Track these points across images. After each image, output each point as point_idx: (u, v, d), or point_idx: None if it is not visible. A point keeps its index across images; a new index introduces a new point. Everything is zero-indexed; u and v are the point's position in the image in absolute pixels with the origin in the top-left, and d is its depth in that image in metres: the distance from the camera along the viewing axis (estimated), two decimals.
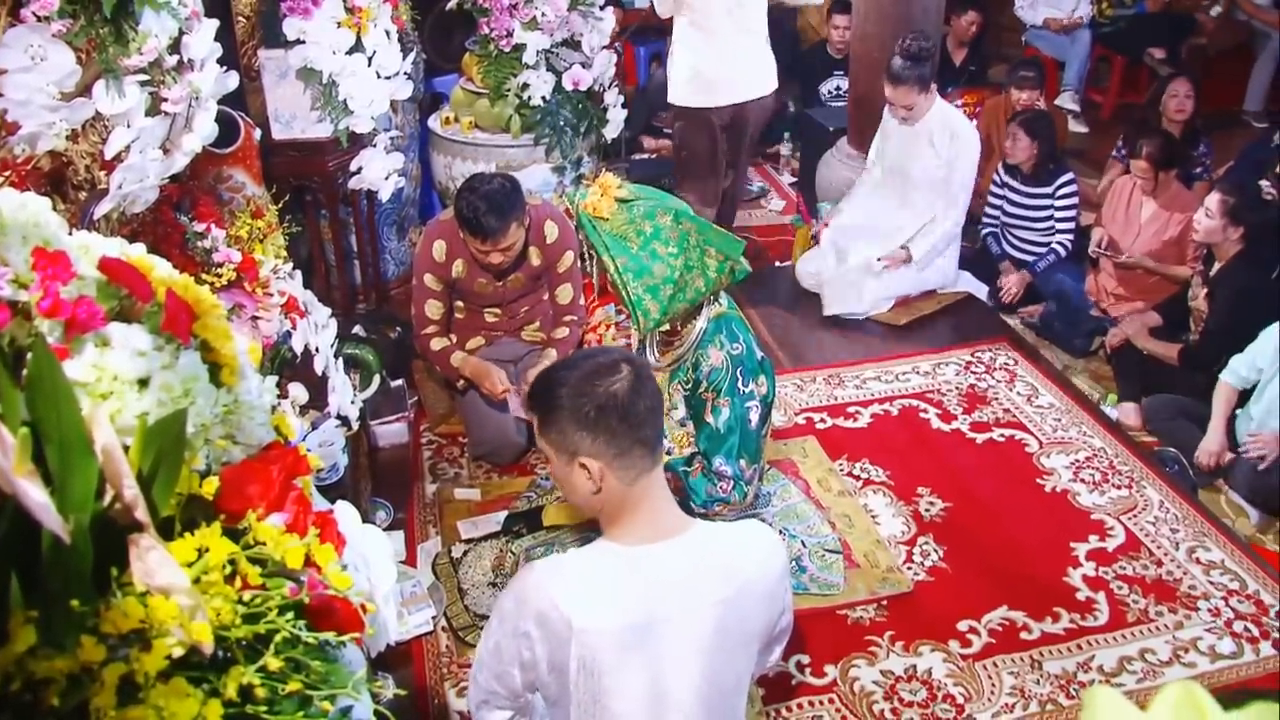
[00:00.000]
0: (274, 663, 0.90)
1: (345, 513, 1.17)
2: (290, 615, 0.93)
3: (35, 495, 0.79)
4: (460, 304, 3.58)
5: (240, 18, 3.55)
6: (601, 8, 4.45)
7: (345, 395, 2.92)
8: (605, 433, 1.63)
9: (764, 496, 2.85)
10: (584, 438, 1.64)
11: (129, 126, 1.95)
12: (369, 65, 3.47)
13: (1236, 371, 3.46)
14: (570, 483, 1.71)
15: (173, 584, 0.87)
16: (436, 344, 3.50)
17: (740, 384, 2.60)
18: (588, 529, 2.77)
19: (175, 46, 2.04)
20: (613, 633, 1.60)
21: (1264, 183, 3.61)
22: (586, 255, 2.67)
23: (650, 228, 2.52)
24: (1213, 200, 3.75)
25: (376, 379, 3.54)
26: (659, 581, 1.65)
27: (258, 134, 3.21)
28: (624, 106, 4.68)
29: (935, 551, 3.15)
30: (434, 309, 3.49)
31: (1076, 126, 6.89)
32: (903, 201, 4.55)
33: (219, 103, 2.30)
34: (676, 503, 1.79)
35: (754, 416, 2.62)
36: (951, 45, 6.50)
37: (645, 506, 1.69)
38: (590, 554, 1.70)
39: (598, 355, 1.77)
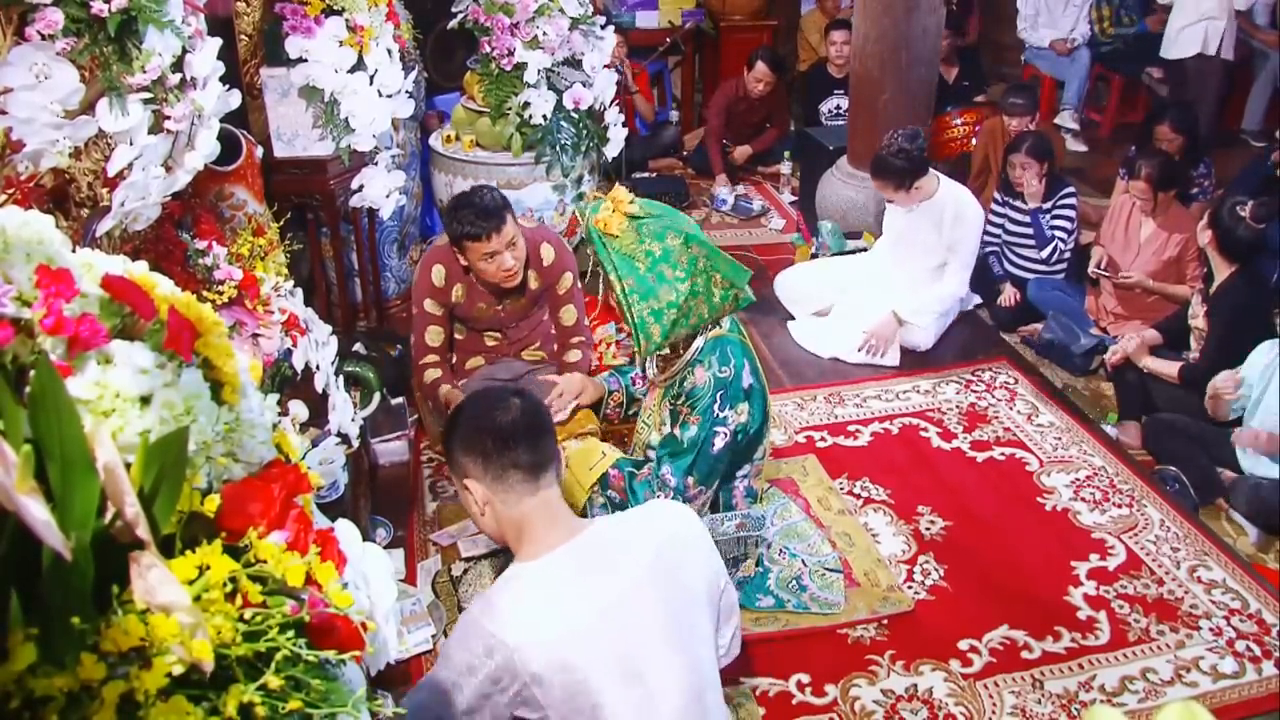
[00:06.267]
0: (274, 681, 0.89)
1: (346, 531, 1.17)
2: (291, 633, 0.93)
3: (37, 512, 0.79)
4: (460, 325, 3.58)
5: (243, 36, 3.57)
6: (603, 27, 4.48)
7: (345, 413, 2.92)
8: (481, 456, 1.77)
9: (756, 520, 2.85)
10: (466, 461, 1.79)
11: (132, 144, 1.95)
12: (371, 84, 3.48)
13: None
14: (467, 507, 1.86)
15: (173, 602, 0.87)
16: (429, 375, 3.47)
17: (717, 407, 2.61)
18: None
19: (178, 65, 2.04)
20: (564, 640, 1.62)
21: (1250, 203, 3.63)
22: (592, 271, 2.67)
23: (660, 250, 2.52)
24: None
25: (377, 397, 3.54)
26: (585, 574, 1.70)
27: (259, 152, 3.22)
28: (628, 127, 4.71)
29: (936, 570, 3.15)
30: (434, 335, 3.47)
31: (1076, 145, 6.91)
32: (915, 269, 4.49)
33: (221, 120, 2.31)
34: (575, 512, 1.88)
35: (718, 442, 2.63)
36: (940, 64, 6.52)
37: (540, 525, 1.77)
38: (510, 577, 1.75)
39: (495, 390, 1.94)
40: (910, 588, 3.07)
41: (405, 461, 3.62)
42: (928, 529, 3.33)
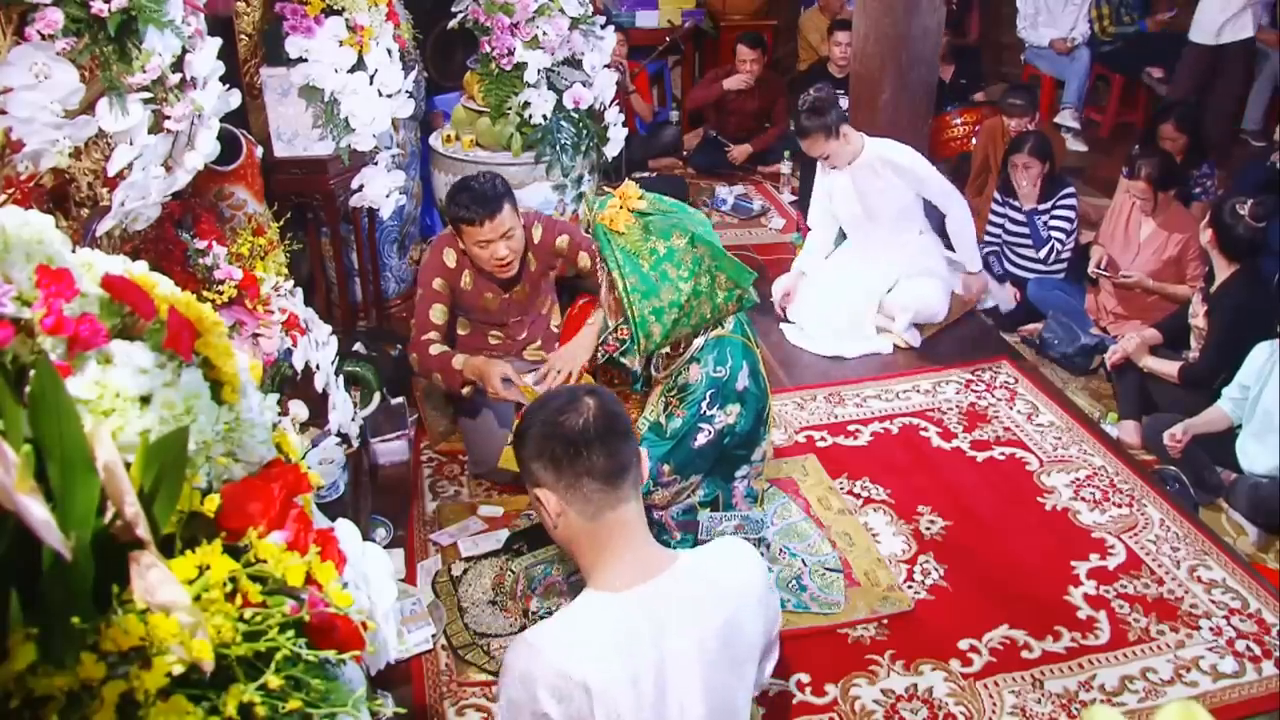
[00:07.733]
0: (274, 681, 0.90)
1: (345, 530, 1.17)
2: (290, 633, 0.93)
3: (37, 512, 0.79)
4: (463, 321, 3.57)
5: (243, 35, 3.57)
6: (603, 27, 4.48)
7: (345, 413, 2.92)
8: (552, 462, 1.65)
9: (756, 523, 2.86)
10: (537, 468, 1.68)
11: (132, 144, 1.95)
12: (371, 83, 3.48)
13: (1230, 397, 3.49)
14: (540, 518, 1.73)
15: (173, 601, 0.87)
16: (435, 349, 3.38)
17: (705, 405, 2.63)
18: None
19: (178, 64, 2.05)
20: (629, 684, 1.56)
21: (1249, 201, 3.64)
22: (598, 267, 2.68)
23: (664, 248, 2.53)
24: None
25: (377, 396, 3.54)
26: (660, 621, 1.62)
27: (259, 151, 3.23)
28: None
29: (936, 570, 3.15)
30: (438, 313, 3.41)
31: (1076, 145, 6.91)
32: (879, 239, 4.51)
33: (221, 120, 2.31)
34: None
35: (700, 439, 2.65)
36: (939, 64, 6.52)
37: (622, 547, 1.67)
38: (582, 608, 1.65)
39: (566, 391, 1.78)
40: (910, 587, 3.07)
41: (405, 461, 3.62)
42: (928, 529, 3.33)
